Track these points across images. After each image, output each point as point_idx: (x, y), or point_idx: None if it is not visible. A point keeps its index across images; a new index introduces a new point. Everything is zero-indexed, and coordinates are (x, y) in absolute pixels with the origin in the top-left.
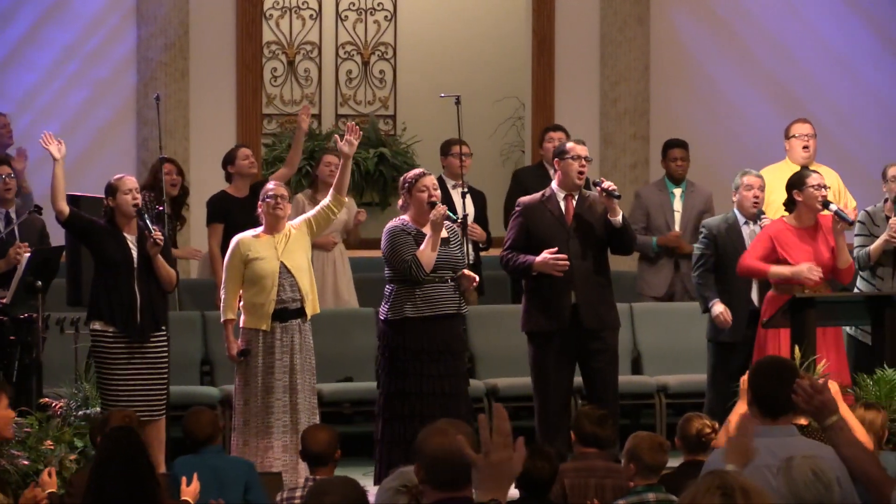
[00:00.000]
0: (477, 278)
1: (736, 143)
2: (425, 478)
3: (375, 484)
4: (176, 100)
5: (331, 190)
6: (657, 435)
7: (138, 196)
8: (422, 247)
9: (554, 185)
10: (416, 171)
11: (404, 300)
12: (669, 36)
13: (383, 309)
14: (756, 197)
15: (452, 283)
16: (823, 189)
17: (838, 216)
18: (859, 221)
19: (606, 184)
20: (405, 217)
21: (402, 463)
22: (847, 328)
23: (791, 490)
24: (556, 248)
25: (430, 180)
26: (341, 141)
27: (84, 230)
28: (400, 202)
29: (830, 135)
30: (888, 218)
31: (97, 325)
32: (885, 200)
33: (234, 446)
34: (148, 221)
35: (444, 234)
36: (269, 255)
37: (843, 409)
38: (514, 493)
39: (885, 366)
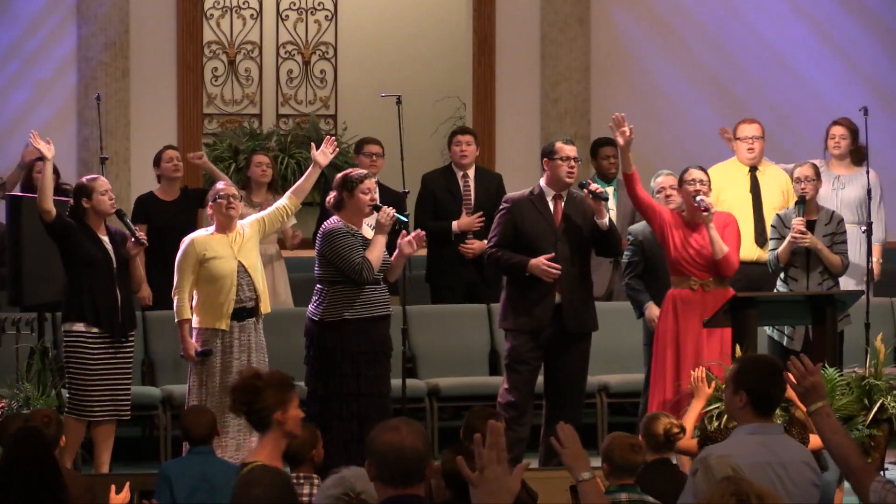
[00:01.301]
0: (423, 233)
1: (677, 142)
2: (376, 474)
3: None
4: (117, 99)
5: (289, 192)
6: (631, 435)
7: (114, 196)
8: (370, 249)
9: (542, 183)
10: (360, 171)
11: (342, 301)
12: (610, 36)
13: (315, 310)
14: (668, 196)
15: (384, 284)
16: (698, 184)
17: (701, 205)
18: (771, 225)
19: (593, 186)
20: (338, 217)
21: (343, 465)
22: (767, 330)
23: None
24: (552, 255)
25: (373, 182)
26: (316, 150)
27: (65, 230)
28: (331, 199)
29: (771, 133)
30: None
31: (79, 327)
32: (796, 202)
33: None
34: (129, 221)
35: (371, 234)
36: (227, 254)
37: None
38: None
39: (825, 365)
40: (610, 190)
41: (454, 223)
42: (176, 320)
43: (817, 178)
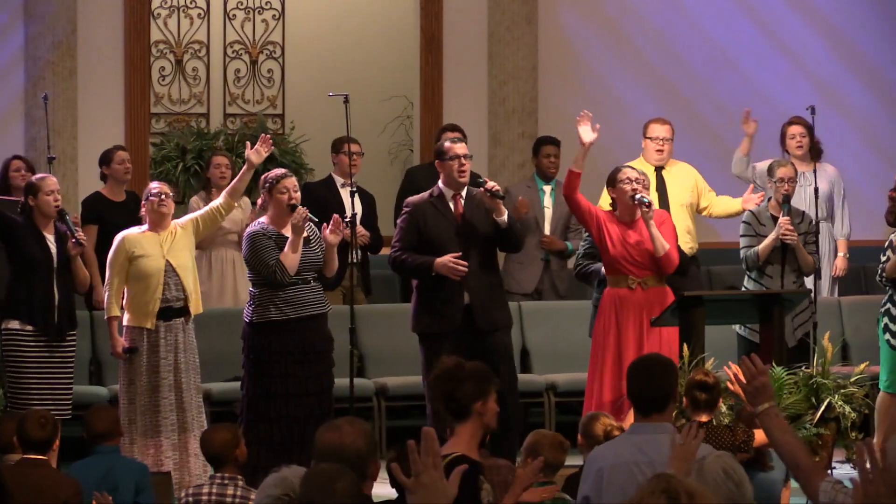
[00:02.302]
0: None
1: (624, 141)
2: None
3: None
4: (64, 99)
5: (223, 192)
6: (558, 434)
7: (59, 197)
8: (285, 250)
9: (440, 184)
10: (278, 171)
11: (268, 303)
12: (557, 35)
13: (248, 311)
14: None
15: (315, 284)
16: (634, 183)
17: (639, 202)
18: (744, 222)
19: (490, 184)
20: (264, 219)
21: (270, 464)
22: (736, 327)
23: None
24: (459, 253)
25: (291, 182)
26: (251, 148)
27: (9, 228)
28: (259, 201)
29: (718, 133)
30: (774, 217)
31: (14, 325)
32: (769, 199)
33: (121, 446)
34: (70, 222)
35: (304, 233)
36: (155, 252)
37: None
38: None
39: (773, 364)
40: (547, 189)
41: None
42: (105, 317)
43: (796, 178)
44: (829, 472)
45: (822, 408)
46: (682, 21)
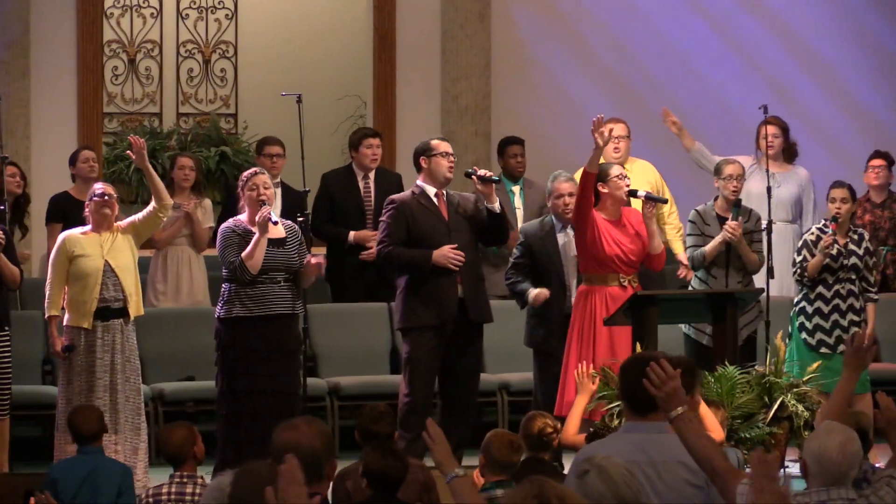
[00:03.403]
0: (322, 263)
1: (577, 140)
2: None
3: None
4: (17, 99)
5: (153, 198)
6: (512, 434)
7: None
8: (248, 248)
9: (421, 182)
10: (251, 169)
11: (236, 299)
12: (510, 33)
13: (218, 307)
14: (567, 204)
15: (286, 284)
16: (626, 179)
17: (650, 199)
18: (690, 221)
19: (481, 171)
20: (240, 217)
21: (237, 461)
22: (683, 327)
23: (609, 488)
24: (455, 245)
25: (262, 179)
26: (133, 154)
27: None
28: (241, 203)
29: (669, 131)
30: (719, 216)
31: None
32: (715, 198)
33: (58, 446)
34: None
35: (281, 233)
36: (95, 252)
37: (701, 405)
38: None
39: (726, 363)
40: (516, 189)
41: (351, 234)
42: (45, 316)
43: (744, 177)
44: (782, 470)
45: (775, 407)
46: (636, 19)
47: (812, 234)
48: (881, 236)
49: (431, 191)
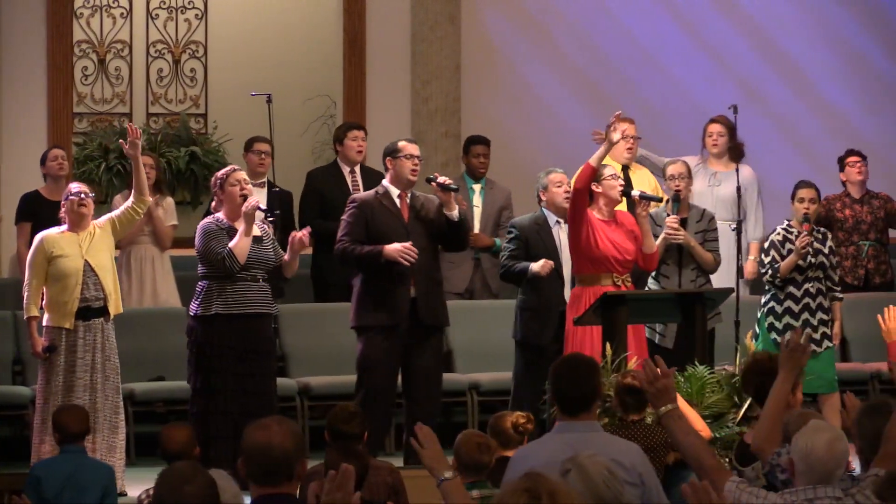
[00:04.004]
0: (305, 235)
1: (547, 141)
2: (247, 473)
3: None
4: None
5: (132, 192)
6: (483, 435)
7: None
8: (235, 239)
9: (386, 183)
10: (228, 167)
11: (215, 297)
12: (480, 34)
13: (193, 305)
14: (567, 192)
15: (264, 283)
16: (619, 180)
17: (644, 198)
18: None
19: (441, 178)
20: (219, 214)
21: (203, 459)
22: (646, 332)
23: (588, 488)
24: (409, 242)
25: (242, 175)
26: (126, 145)
27: None
28: (213, 203)
29: (642, 132)
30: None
31: None
32: (667, 201)
33: (34, 445)
34: None
35: (256, 232)
36: (74, 252)
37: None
38: None
39: (696, 362)
40: (477, 188)
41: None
42: (25, 317)
43: (689, 176)
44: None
45: (745, 406)
46: (606, 20)
47: (778, 234)
48: (863, 229)
49: (395, 192)
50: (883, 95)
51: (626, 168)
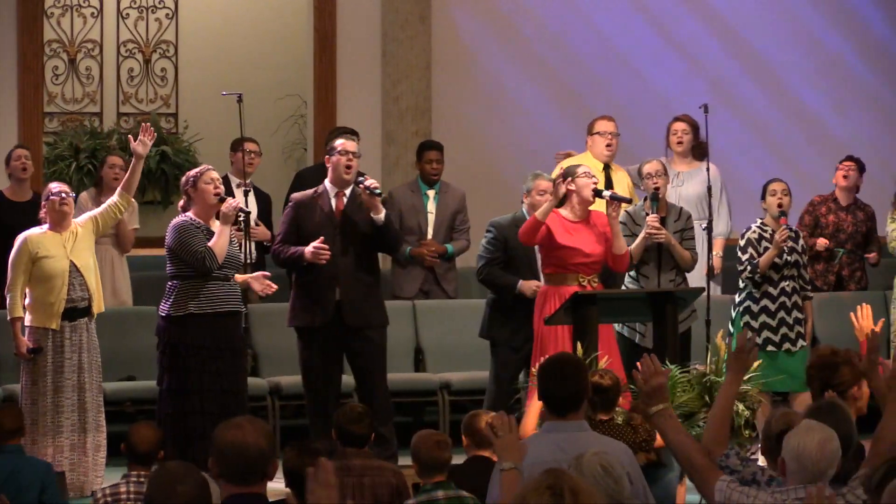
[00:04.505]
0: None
1: (518, 140)
2: (219, 472)
3: None
4: None
5: (118, 188)
6: (438, 433)
7: None
8: (214, 239)
9: (327, 182)
10: (200, 167)
11: (188, 296)
12: (451, 34)
13: (164, 305)
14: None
15: (234, 283)
16: (594, 178)
17: (615, 198)
18: (620, 222)
19: (369, 181)
20: (189, 213)
21: (184, 459)
22: (616, 326)
23: None
24: (321, 238)
25: (215, 174)
26: (135, 141)
27: None
28: (181, 203)
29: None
30: (647, 213)
31: None
32: (645, 199)
33: (24, 446)
34: None
35: (231, 223)
36: (59, 253)
37: None
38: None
39: (667, 362)
40: (431, 193)
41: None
42: (8, 318)
43: (666, 174)
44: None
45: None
46: (577, 19)
47: (753, 232)
48: (841, 238)
49: (333, 191)
50: (855, 96)
51: (607, 167)
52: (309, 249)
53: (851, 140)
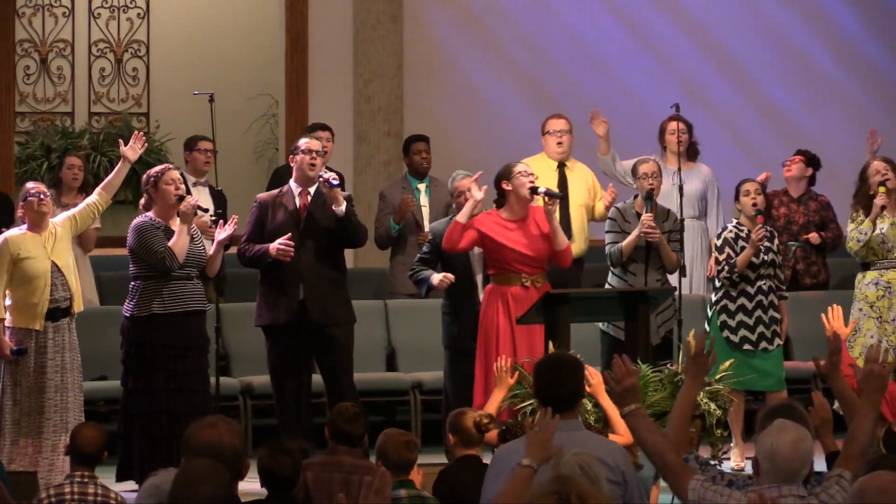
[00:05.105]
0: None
1: (490, 139)
2: None
3: (118, 480)
4: None
5: (99, 188)
6: (406, 432)
7: None
8: (173, 238)
9: (291, 181)
10: (161, 166)
11: (152, 296)
12: (423, 33)
13: (128, 305)
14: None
15: (198, 280)
16: (531, 176)
17: (548, 194)
18: (610, 218)
19: (327, 174)
20: (150, 213)
21: (151, 459)
22: (601, 325)
23: None
24: (289, 235)
25: (176, 174)
26: (125, 146)
27: None
28: (143, 201)
29: (583, 131)
30: (639, 214)
31: None
32: (636, 196)
33: (3, 447)
34: None
35: (192, 223)
36: (40, 254)
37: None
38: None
39: (639, 361)
40: (422, 186)
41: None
42: None
43: (660, 175)
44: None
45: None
46: (548, 19)
47: (730, 231)
48: (793, 230)
49: (297, 189)
50: (824, 94)
51: (562, 166)
52: (273, 246)
53: (821, 138)
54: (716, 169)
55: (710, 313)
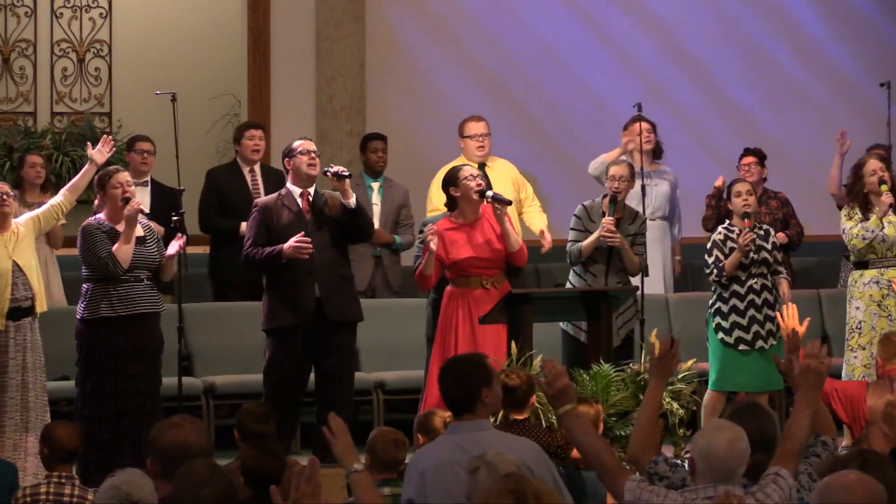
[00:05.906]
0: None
1: (452, 139)
2: (160, 472)
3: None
4: None
5: (65, 189)
6: (396, 431)
7: None
8: (118, 243)
9: (288, 184)
10: (110, 168)
11: (100, 299)
12: (385, 33)
13: (80, 308)
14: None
15: (149, 283)
16: (478, 178)
17: (495, 199)
18: (575, 215)
19: (335, 168)
20: (100, 215)
21: (101, 462)
22: (561, 324)
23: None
24: (302, 233)
25: (124, 176)
26: (93, 148)
27: None
28: (96, 202)
29: (544, 130)
30: (605, 214)
31: None
32: (604, 196)
33: None
34: None
35: (140, 232)
36: (1, 254)
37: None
38: None
39: (601, 361)
40: (375, 185)
41: (242, 224)
42: None
43: (631, 179)
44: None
45: None
46: (510, 18)
47: (719, 233)
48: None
49: (297, 191)
50: (787, 94)
51: (482, 167)
52: (289, 245)
53: (784, 138)
54: (675, 168)
55: (707, 316)
